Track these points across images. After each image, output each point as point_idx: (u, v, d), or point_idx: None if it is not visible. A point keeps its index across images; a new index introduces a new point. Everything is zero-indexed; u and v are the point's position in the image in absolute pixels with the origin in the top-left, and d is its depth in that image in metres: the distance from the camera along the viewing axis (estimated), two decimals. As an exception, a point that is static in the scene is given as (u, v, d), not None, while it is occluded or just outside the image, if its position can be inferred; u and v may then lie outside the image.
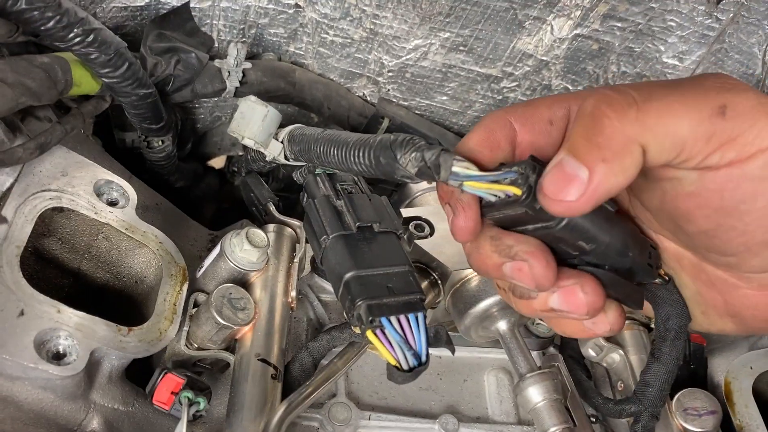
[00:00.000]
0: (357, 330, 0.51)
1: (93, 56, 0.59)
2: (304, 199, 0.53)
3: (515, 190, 0.36)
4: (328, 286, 0.79)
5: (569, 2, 0.74)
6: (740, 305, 0.41)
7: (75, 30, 0.56)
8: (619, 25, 0.77)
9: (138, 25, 0.75)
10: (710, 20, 0.76)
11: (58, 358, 0.54)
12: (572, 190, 0.33)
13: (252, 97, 0.71)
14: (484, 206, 0.38)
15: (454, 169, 0.36)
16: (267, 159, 0.72)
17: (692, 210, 0.36)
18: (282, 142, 0.69)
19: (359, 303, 0.43)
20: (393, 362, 0.43)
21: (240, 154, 0.94)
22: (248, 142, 0.71)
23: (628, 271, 0.41)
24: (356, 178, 0.55)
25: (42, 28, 0.54)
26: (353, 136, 0.52)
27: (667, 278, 0.44)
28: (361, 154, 0.51)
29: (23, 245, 0.56)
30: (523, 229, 0.38)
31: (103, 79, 0.62)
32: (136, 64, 0.63)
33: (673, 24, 0.77)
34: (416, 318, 0.44)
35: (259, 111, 0.70)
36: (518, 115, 0.39)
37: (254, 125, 0.69)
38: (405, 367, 0.43)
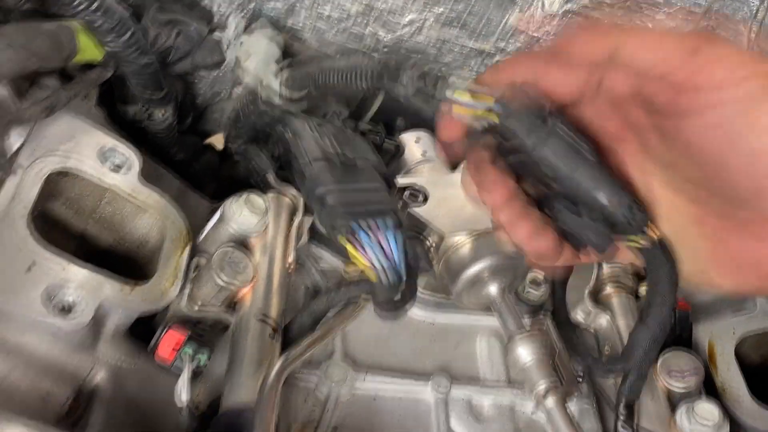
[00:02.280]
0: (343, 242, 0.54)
1: (97, 23, 0.61)
2: (288, 134, 0.57)
3: (493, 118, 0.39)
4: (326, 255, 0.82)
5: (560, -23, 0.76)
6: (743, 259, 0.40)
7: (80, -3, 0.58)
8: (607, 1, 0.79)
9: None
10: (697, -4, 0.78)
11: (65, 311, 0.56)
12: None
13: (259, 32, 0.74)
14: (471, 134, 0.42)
15: (447, 93, 0.40)
16: (262, 99, 0.76)
17: (701, 150, 0.37)
18: (279, 76, 0.73)
19: (333, 213, 0.48)
20: (371, 273, 0.46)
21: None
22: (248, 75, 0.75)
23: (605, 220, 0.43)
24: (342, 125, 0.60)
25: (49, -6, 0.56)
26: (356, 58, 0.59)
27: (656, 239, 0.45)
28: (364, 72, 0.58)
29: (31, 204, 0.58)
30: (505, 160, 0.41)
31: (107, 47, 0.64)
32: (139, 32, 0.65)
33: (660, 1, 0.79)
34: (386, 224, 0.48)
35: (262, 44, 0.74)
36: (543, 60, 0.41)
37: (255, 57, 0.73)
38: (384, 280, 0.46)
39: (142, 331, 0.66)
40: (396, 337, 0.78)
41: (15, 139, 0.59)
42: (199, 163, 1.03)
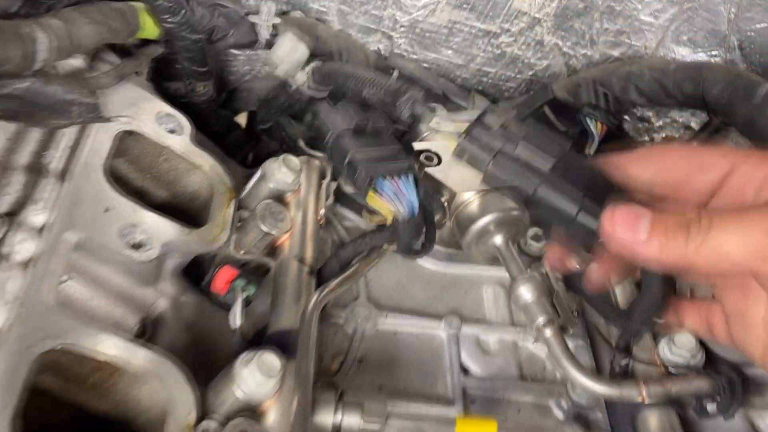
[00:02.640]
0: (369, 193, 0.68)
1: (158, 3, 0.70)
2: (318, 116, 0.72)
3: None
4: (350, 214, 0.91)
5: (558, -36, 0.85)
6: None
7: (145, -21, 0.68)
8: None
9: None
10: (681, -19, 0.88)
11: (135, 247, 0.66)
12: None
13: (289, 33, 0.85)
14: None
15: (431, 124, 0.53)
16: (292, 88, 0.86)
17: None
18: (307, 72, 0.83)
19: (360, 171, 0.61)
20: (391, 214, 0.59)
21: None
22: (280, 71, 0.85)
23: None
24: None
25: (119, -23, 0.65)
26: (371, 74, 0.73)
27: None
28: (375, 89, 0.73)
29: (105, 156, 0.68)
30: None
31: (164, 24, 0.73)
32: (190, 11, 0.75)
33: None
34: (407, 177, 0.61)
35: (293, 45, 0.85)
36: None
37: (287, 57, 0.83)
38: (402, 215, 0.59)
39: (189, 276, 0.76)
40: (412, 284, 0.88)
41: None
42: (229, 138, 1.13)
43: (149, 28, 0.74)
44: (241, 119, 1.21)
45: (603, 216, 0.49)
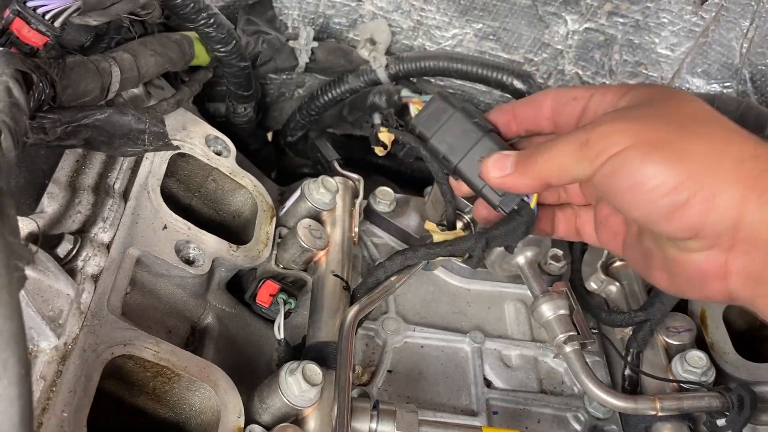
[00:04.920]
0: None
1: (212, 35, 0.76)
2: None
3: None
4: (379, 231, 0.96)
5: (582, 1, 0.90)
6: (666, 265, 0.56)
7: (202, 14, 0.73)
8: (621, 20, 0.94)
9: (228, 13, 0.92)
10: (696, 18, 0.93)
11: (189, 263, 0.71)
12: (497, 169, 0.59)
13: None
14: None
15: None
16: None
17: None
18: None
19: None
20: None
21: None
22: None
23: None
24: None
25: (181, 12, 0.71)
26: None
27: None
28: None
29: (161, 177, 0.73)
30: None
31: (216, 54, 0.79)
32: (241, 42, 0.81)
33: (665, 20, 0.94)
34: None
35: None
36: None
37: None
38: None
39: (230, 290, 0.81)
40: (437, 300, 0.93)
41: (148, 128, 0.75)
42: (261, 154, 1.19)
43: (201, 56, 0.79)
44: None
45: (480, 166, 0.61)
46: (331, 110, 1.00)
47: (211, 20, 0.75)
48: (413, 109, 0.71)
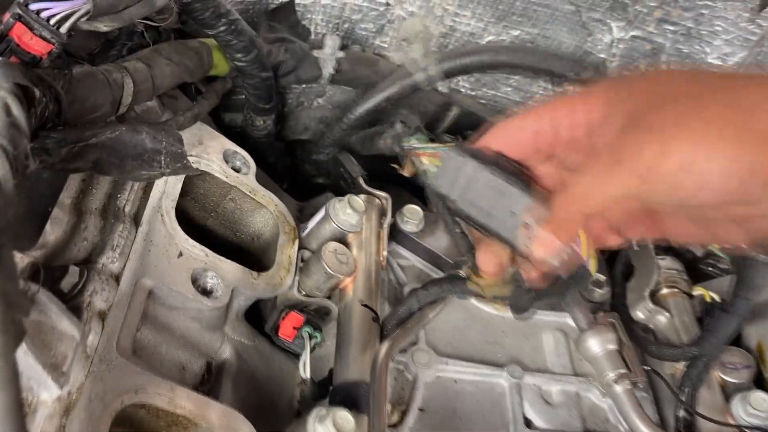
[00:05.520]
0: None
1: (233, 43, 0.69)
2: None
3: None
4: (406, 253, 0.90)
5: (630, 7, 0.84)
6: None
7: (222, 20, 0.67)
8: (671, 28, 0.87)
9: (248, 17, 0.86)
10: (753, 26, 0.86)
11: (206, 293, 0.65)
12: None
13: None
14: None
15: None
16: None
17: None
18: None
19: None
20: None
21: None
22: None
23: None
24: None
25: (200, 17, 0.64)
26: None
27: None
28: None
29: (176, 199, 0.66)
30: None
31: (236, 63, 0.72)
32: (263, 50, 0.74)
33: (719, 29, 0.87)
34: None
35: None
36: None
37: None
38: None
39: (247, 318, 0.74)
40: (470, 329, 0.85)
41: (162, 143, 0.68)
42: (277, 166, 1.12)
43: (221, 66, 0.73)
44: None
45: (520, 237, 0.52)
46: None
47: (232, 27, 0.68)
48: (425, 163, 0.63)
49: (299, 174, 1.20)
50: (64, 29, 0.49)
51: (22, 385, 0.35)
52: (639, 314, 0.85)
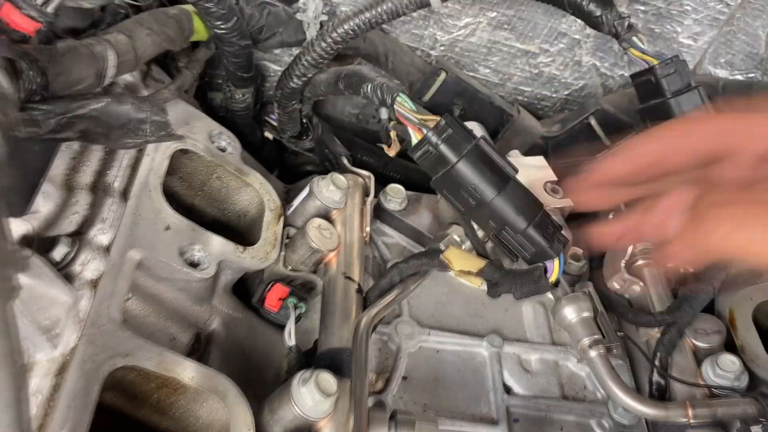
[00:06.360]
0: None
1: (212, 10, 0.71)
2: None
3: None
4: (390, 231, 0.92)
5: (601, -13, 0.86)
6: None
7: (200, -15, 0.68)
8: (642, 8, 0.90)
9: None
10: (721, 5, 0.89)
11: (193, 265, 0.67)
12: None
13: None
14: None
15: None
16: None
17: None
18: None
19: None
20: None
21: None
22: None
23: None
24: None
25: (177, -15, 0.66)
26: None
27: None
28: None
29: (163, 175, 0.69)
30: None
31: (215, 30, 0.74)
32: (242, 18, 0.76)
33: (689, 8, 0.90)
34: None
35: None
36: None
37: None
38: None
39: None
40: (452, 302, 0.88)
41: (147, 122, 0.70)
42: (262, 153, 1.15)
43: (201, 32, 0.74)
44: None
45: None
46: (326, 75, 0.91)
47: (210, -8, 0.70)
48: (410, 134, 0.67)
49: (289, 163, 1.22)
50: (50, 8, 0.51)
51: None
52: (615, 284, 0.88)
